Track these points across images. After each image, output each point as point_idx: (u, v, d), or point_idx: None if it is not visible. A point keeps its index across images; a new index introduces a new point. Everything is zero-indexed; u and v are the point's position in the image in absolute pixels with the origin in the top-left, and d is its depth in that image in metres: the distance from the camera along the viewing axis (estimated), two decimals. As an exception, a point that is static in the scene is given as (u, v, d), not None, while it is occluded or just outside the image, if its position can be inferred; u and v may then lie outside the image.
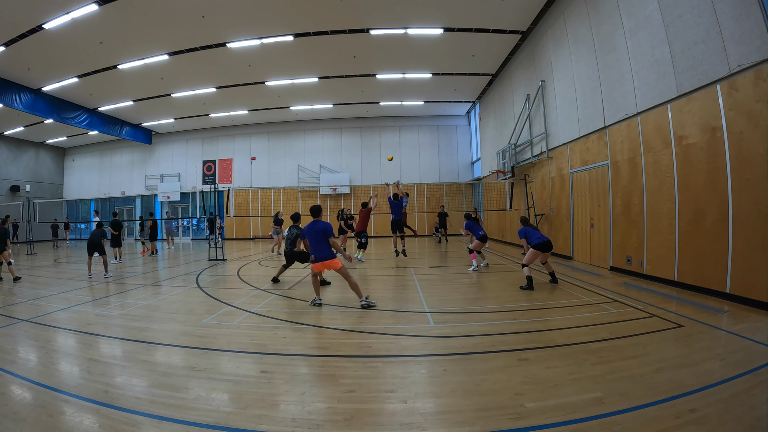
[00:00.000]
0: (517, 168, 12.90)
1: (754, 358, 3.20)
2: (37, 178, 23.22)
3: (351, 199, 20.73)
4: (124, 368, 3.40)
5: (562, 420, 2.37)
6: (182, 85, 15.81)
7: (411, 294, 6.25)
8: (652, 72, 6.48)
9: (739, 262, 4.93)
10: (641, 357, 3.33)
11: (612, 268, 7.78)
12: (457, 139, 21.45)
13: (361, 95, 17.82)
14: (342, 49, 12.99)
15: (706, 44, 5.34)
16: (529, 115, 12.01)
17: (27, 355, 3.81)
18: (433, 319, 4.69)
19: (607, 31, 7.77)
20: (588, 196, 8.78)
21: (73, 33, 10.82)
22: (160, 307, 5.70)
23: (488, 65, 14.50)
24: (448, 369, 3.24)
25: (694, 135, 5.67)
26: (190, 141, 22.87)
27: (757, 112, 4.63)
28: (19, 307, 5.76)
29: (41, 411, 2.61)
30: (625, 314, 4.66)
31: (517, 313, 4.93)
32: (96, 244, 8.49)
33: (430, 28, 11.63)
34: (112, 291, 7.03)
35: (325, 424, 2.44)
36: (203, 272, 9.15)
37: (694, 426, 2.26)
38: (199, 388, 2.96)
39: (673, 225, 6.09)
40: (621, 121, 7.45)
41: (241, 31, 11.53)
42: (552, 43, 10.32)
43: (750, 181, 4.76)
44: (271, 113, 20.17)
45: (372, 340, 4.01)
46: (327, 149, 21.69)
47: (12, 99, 14.25)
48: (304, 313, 5.17)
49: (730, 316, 4.46)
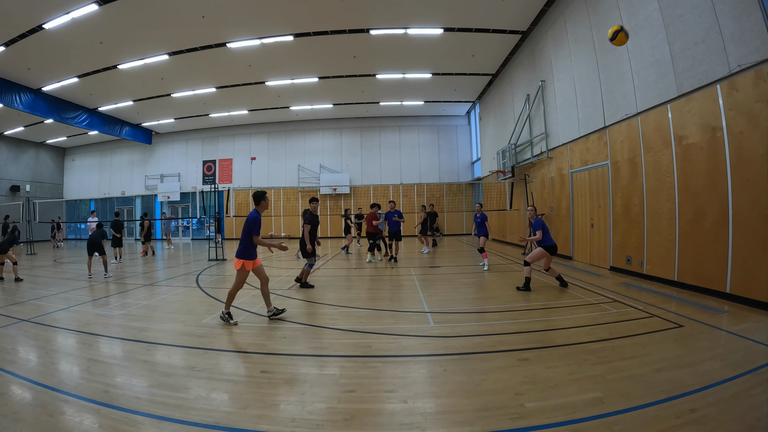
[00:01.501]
0: (517, 168, 12.90)
1: (754, 358, 3.20)
2: (37, 178, 23.21)
3: (351, 199, 20.74)
4: (124, 368, 3.40)
5: (562, 420, 2.37)
6: (182, 85, 15.81)
7: (411, 294, 6.25)
8: (652, 72, 6.48)
9: (739, 262, 4.93)
10: (641, 357, 3.33)
11: (612, 268, 7.78)
12: (457, 139, 21.45)
13: (361, 95, 17.81)
14: (342, 49, 12.99)
15: (706, 44, 5.34)
16: (529, 115, 12.01)
17: (27, 355, 3.81)
18: (433, 319, 4.69)
19: (607, 31, 7.75)
20: (588, 196, 8.78)
21: (73, 33, 10.82)
22: (160, 307, 5.70)
23: (488, 65, 14.50)
24: (448, 369, 3.24)
25: (694, 135, 5.67)
26: (190, 141, 22.87)
27: (757, 112, 4.63)
28: (19, 307, 5.76)
29: (41, 411, 2.61)
30: (625, 314, 4.65)
31: (517, 313, 4.93)
32: (96, 244, 8.49)
33: (430, 28, 11.63)
34: (112, 291, 7.03)
35: (325, 424, 2.44)
36: (203, 272, 9.15)
37: (694, 426, 2.25)
38: (199, 388, 2.96)
39: (673, 225, 6.09)
40: (621, 121, 7.45)
41: (241, 31, 11.53)
42: (552, 43, 10.32)
43: (750, 181, 4.76)
44: (271, 113, 20.17)
45: (372, 340, 4.01)
46: (327, 149, 21.69)
47: (12, 99, 14.25)
48: (304, 313, 5.17)
49: (730, 316, 4.46)
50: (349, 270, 9.24)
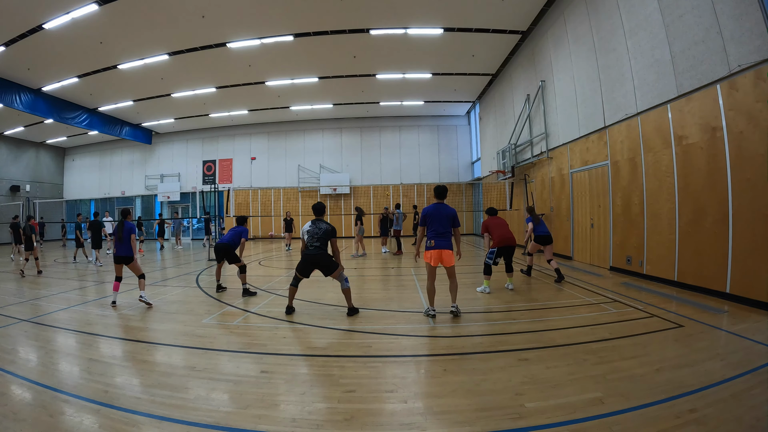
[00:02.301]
0: (517, 168, 12.90)
1: (754, 358, 3.20)
2: (37, 178, 23.21)
3: (351, 199, 20.75)
4: (124, 368, 3.40)
5: (562, 420, 2.37)
6: (182, 85, 15.81)
7: (411, 294, 6.25)
8: (652, 72, 6.48)
9: (739, 262, 4.93)
10: (641, 357, 3.33)
11: (612, 268, 7.78)
12: (457, 139, 21.45)
13: (361, 95, 17.81)
14: (342, 49, 12.99)
15: (706, 44, 5.34)
16: (529, 115, 12.01)
17: (27, 355, 3.80)
18: (433, 319, 4.69)
19: (607, 31, 7.77)
20: (588, 196, 8.78)
21: (73, 33, 10.82)
22: (160, 307, 5.70)
23: (488, 65, 14.50)
24: (448, 369, 3.24)
25: (694, 135, 5.67)
26: (190, 141, 22.87)
27: (757, 112, 4.63)
28: (19, 307, 5.76)
29: (41, 411, 2.61)
30: (625, 314, 4.65)
31: (517, 313, 4.93)
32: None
33: (430, 28, 11.63)
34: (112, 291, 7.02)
35: (325, 424, 2.44)
36: (203, 272, 9.15)
37: (694, 426, 2.25)
38: (199, 388, 2.96)
39: (673, 225, 6.09)
40: (621, 121, 7.45)
41: (241, 31, 11.53)
42: (552, 43, 10.32)
43: (750, 181, 4.76)
44: (271, 113, 20.18)
45: (372, 340, 4.01)
46: (327, 149, 21.69)
47: (12, 99, 14.25)
48: (304, 313, 5.16)
49: (730, 316, 4.46)
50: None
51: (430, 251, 4.72)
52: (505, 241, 6.30)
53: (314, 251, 4.95)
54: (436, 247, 4.68)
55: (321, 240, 4.99)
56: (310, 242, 5.01)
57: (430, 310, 4.78)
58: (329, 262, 4.99)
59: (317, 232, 5.00)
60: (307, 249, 5.02)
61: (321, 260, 4.96)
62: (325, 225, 5.07)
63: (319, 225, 5.05)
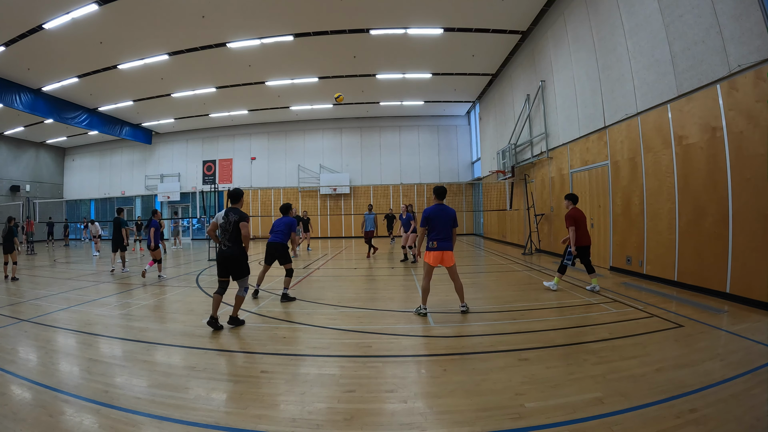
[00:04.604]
0: (517, 168, 12.90)
1: (754, 358, 3.20)
2: (37, 178, 23.21)
3: (351, 200, 20.76)
4: (124, 368, 3.40)
5: (562, 420, 2.37)
6: (182, 85, 15.81)
7: (411, 294, 6.25)
8: (652, 72, 6.48)
9: (739, 262, 4.93)
10: (641, 357, 3.32)
11: (612, 268, 7.78)
12: (457, 139, 21.46)
13: (361, 95, 17.82)
14: (342, 49, 12.99)
15: (706, 44, 5.34)
16: (529, 115, 12.01)
17: (27, 355, 3.80)
18: (433, 319, 4.69)
19: (607, 31, 7.76)
20: (588, 196, 8.77)
21: (73, 33, 10.82)
22: (160, 307, 5.70)
23: (488, 65, 14.50)
24: (448, 369, 3.24)
25: (694, 135, 5.67)
26: (190, 141, 22.88)
27: (757, 112, 4.63)
28: (19, 307, 5.76)
29: (41, 411, 2.61)
30: (625, 314, 4.65)
31: (517, 313, 4.93)
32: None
33: (430, 28, 11.63)
34: (113, 291, 7.03)
35: (325, 424, 2.44)
36: (203, 272, 9.15)
37: (694, 426, 2.25)
38: (199, 388, 2.96)
39: (673, 225, 6.09)
40: (621, 121, 7.45)
41: (241, 31, 11.53)
42: (552, 43, 10.32)
43: (750, 181, 4.76)
44: (271, 113, 20.18)
45: (372, 340, 4.01)
46: (327, 149, 21.69)
47: (12, 99, 14.25)
48: (304, 313, 5.17)
49: (730, 316, 4.46)
50: (348, 270, 9.25)
51: (432, 252, 4.78)
52: (585, 240, 5.86)
53: (227, 251, 4.41)
54: (439, 249, 4.76)
55: (233, 238, 4.41)
56: (222, 239, 4.47)
57: (421, 309, 4.84)
58: (240, 266, 4.45)
59: (228, 228, 4.42)
60: (220, 248, 4.48)
61: (232, 264, 4.42)
62: (235, 216, 4.43)
63: (231, 216, 4.45)
